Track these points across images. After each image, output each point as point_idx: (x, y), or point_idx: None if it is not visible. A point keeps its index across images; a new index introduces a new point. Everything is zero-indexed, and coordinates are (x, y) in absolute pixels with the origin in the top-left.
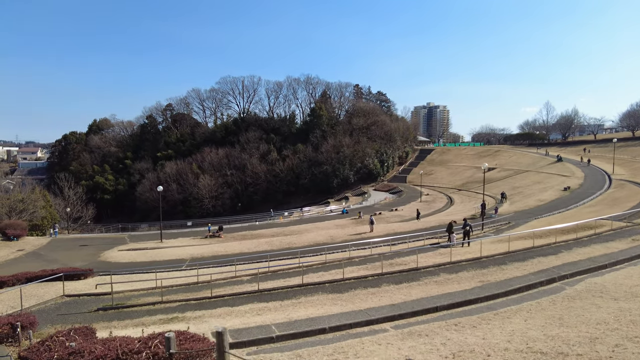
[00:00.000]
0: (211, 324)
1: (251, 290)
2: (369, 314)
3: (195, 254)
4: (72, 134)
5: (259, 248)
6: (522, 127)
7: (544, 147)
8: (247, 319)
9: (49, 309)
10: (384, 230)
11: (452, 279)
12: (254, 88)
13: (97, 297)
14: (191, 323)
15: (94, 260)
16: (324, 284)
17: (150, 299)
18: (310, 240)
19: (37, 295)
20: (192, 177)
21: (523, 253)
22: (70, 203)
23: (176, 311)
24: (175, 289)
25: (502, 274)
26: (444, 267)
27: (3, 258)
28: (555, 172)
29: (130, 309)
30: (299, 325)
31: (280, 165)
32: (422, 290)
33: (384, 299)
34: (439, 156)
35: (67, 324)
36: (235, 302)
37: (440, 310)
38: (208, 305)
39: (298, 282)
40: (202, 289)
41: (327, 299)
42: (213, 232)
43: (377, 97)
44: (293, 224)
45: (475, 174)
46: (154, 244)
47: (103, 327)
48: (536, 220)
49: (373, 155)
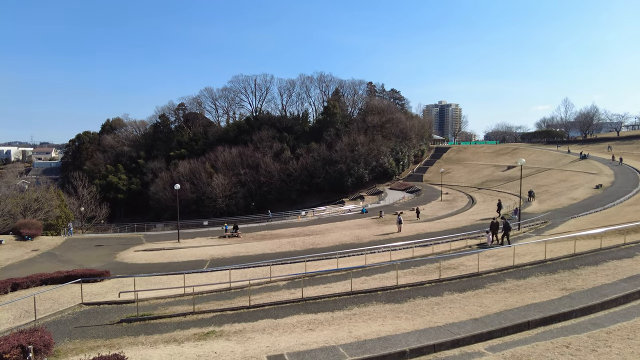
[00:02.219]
0: (259, 341)
1: (293, 299)
2: (452, 332)
3: (216, 254)
4: (85, 134)
5: (282, 249)
6: (538, 125)
7: (563, 144)
8: (301, 337)
9: (66, 320)
10: (413, 230)
11: (523, 285)
12: (267, 86)
13: (119, 306)
14: (233, 339)
15: (110, 261)
16: (376, 292)
17: (179, 308)
18: (335, 240)
19: (53, 299)
20: (205, 176)
21: (592, 256)
22: (85, 202)
23: (212, 324)
24: (205, 296)
25: (581, 281)
26: (507, 271)
27: (17, 258)
28: (581, 169)
29: (158, 320)
30: (371, 347)
31: (294, 164)
32: (496, 299)
33: (456, 310)
34: (455, 154)
35: (87, 338)
36: (279, 312)
37: (533, 326)
38: (247, 316)
39: (344, 289)
40: (236, 296)
41: (385, 311)
42: (231, 232)
43: (391, 94)
44: (312, 224)
45: (495, 172)
46: (171, 244)
47: (129, 343)
48: (574, 219)
49: (388, 154)
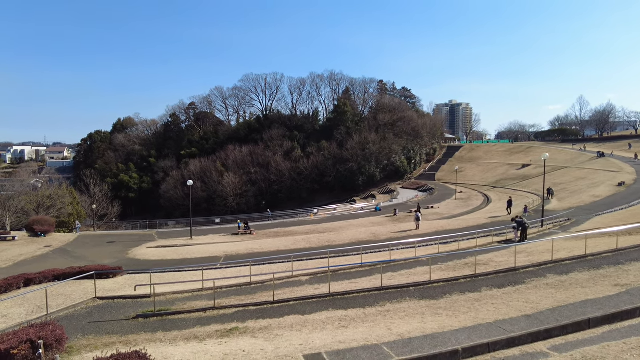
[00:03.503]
0: (289, 339)
1: (319, 294)
2: (504, 329)
3: (230, 251)
4: (97, 133)
5: (296, 245)
6: (552, 124)
7: (579, 143)
8: (334, 334)
9: (79, 315)
10: (431, 227)
11: (567, 281)
12: (277, 85)
13: (134, 301)
14: (259, 337)
15: (122, 257)
16: (408, 288)
17: (198, 303)
18: (351, 237)
19: (65, 295)
20: (216, 175)
21: (637, 251)
22: (96, 200)
23: (234, 319)
24: (225, 291)
25: (633, 277)
26: (545, 267)
27: (30, 254)
28: (600, 167)
29: (176, 316)
30: (418, 345)
31: (305, 163)
32: (541, 295)
33: (501, 307)
34: (467, 153)
35: (101, 334)
36: (305, 308)
37: (594, 325)
38: (271, 312)
39: (372, 284)
40: (257, 291)
41: (421, 307)
42: (244, 229)
43: (402, 92)
44: (325, 222)
45: (509, 170)
46: (184, 241)
47: (146, 340)
48: (599, 216)
49: (400, 152)
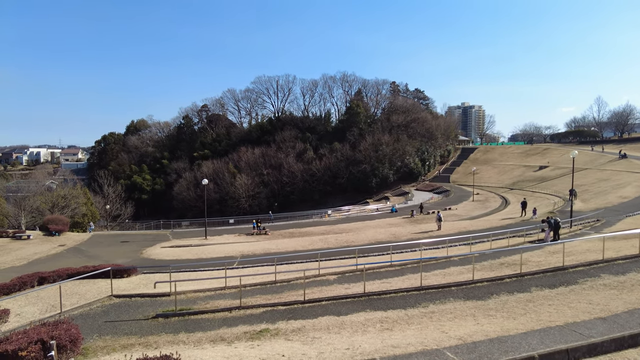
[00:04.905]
0: (330, 342)
1: (352, 294)
2: (581, 334)
3: (245, 251)
4: (110, 135)
5: (314, 246)
6: (568, 125)
7: (597, 144)
8: (382, 337)
9: (94, 313)
10: (452, 228)
11: (628, 281)
12: (289, 87)
13: (153, 299)
14: (294, 339)
15: (136, 257)
16: (449, 287)
17: (221, 302)
18: (370, 238)
19: (79, 294)
20: (228, 176)
21: None
22: (110, 200)
23: (263, 320)
24: (249, 290)
25: None
26: (597, 266)
27: (45, 253)
28: (623, 169)
29: (198, 316)
30: (486, 350)
31: (317, 164)
32: (604, 296)
33: (563, 309)
34: (482, 155)
35: (119, 335)
36: (340, 309)
37: None
38: (303, 312)
39: (409, 284)
40: (284, 290)
41: (469, 308)
42: (258, 230)
43: (415, 94)
44: (340, 223)
45: (525, 172)
46: (198, 240)
47: (167, 341)
48: (630, 217)
49: (414, 154)
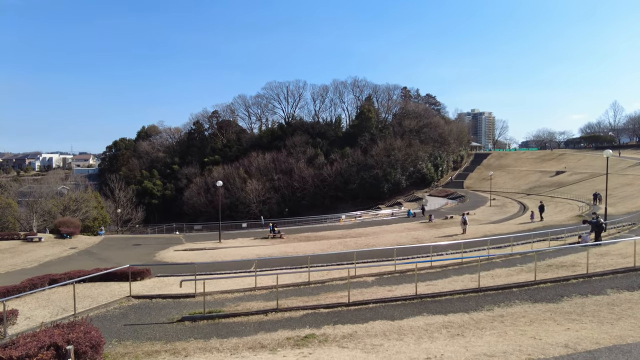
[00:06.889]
0: (399, 351)
1: (401, 296)
2: None
3: (262, 254)
4: (121, 140)
5: (333, 249)
6: (583, 131)
7: (614, 149)
8: (458, 344)
9: (112, 316)
10: (477, 232)
11: None
12: (299, 92)
13: (176, 301)
14: (351, 346)
15: (149, 260)
16: (510, 289)
17: (253, 304)
18: (391, 241)
19: (91, 297)
20: (239, 181)
21: None
22: (121, 204)
23: (305, 324)
24: (282, 291)
25: None
26: None
27: (56, 255)
28: None
29: (230, 319)
30: None
31: (328, 170)
32: None
33: None
34: (496, 160)
35: (141, 340)
36: (392, 312)
37: None
38: (349, 315)
39: (462, 285)
40: (319, 291)
41: (543, 312)
42: (272, 233)
43: (426, 99)
44: (356, 227)
45: (542, 178)
46: (212, 244)
47: (198, 348)
48: None
49: (426, 159)
